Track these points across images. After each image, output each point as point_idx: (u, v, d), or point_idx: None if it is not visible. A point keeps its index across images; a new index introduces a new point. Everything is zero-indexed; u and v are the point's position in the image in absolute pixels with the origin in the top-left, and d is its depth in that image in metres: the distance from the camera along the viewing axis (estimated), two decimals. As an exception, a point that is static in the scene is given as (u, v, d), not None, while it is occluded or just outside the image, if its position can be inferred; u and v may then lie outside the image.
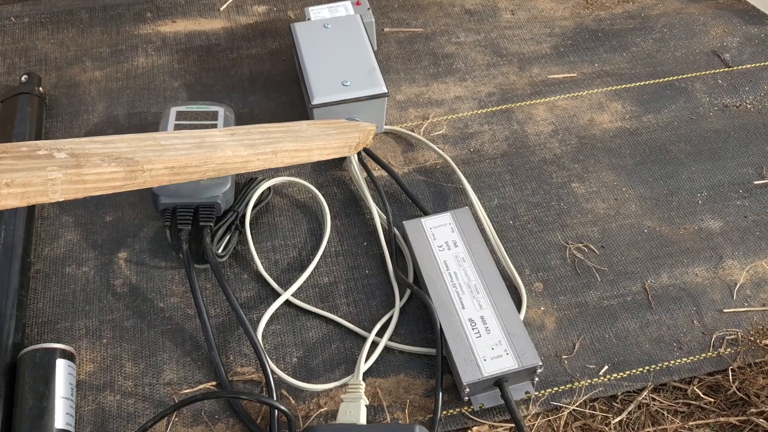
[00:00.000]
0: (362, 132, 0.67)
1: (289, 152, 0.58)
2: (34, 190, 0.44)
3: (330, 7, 0.82)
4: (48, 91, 0.80)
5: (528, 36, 0.89)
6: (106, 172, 0.47)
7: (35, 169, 0.45)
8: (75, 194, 0.46)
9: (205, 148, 0.54)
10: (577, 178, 0.73)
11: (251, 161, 0.56)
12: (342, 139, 0.64)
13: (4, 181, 0.43)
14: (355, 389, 0.55)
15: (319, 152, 0.61)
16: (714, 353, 0.60)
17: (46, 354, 0.55)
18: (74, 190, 0.46)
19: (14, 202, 0.44)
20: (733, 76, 0.84)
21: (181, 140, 0.55)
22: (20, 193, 0.44)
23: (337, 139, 0.63)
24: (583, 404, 0.57)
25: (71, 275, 0.64)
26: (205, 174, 0.53)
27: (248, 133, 0.59)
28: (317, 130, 0.64)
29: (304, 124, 0.66)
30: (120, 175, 0.48)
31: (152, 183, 0.50)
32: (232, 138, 0.57)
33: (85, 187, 0.47)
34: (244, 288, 0.64)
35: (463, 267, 0.61)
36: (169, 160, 0.50)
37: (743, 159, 0.75)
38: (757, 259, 0.66)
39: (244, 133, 0.59)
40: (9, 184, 0.43)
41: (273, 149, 0.57)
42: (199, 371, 0.58)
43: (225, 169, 0.54)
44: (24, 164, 0.46)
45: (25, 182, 0.44)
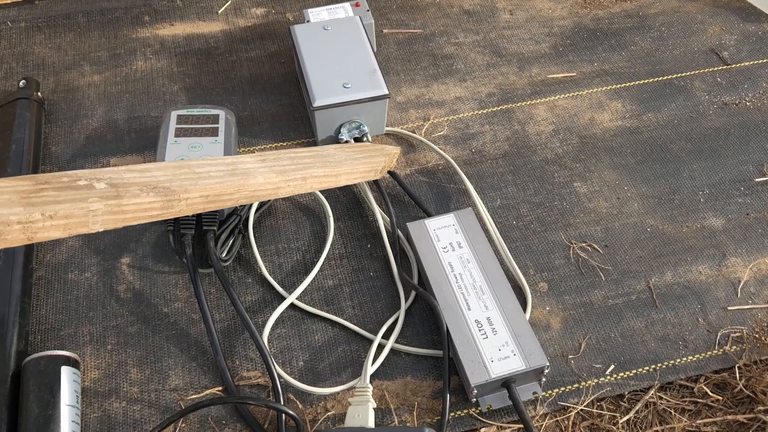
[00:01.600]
0: (387, 155, 0.68)
1: (318, 178, 0.59)
2: (75, 222, 0.45)
3: (329, 9, 0.82)
4: (46, 95, 0.80)
5: (527, 36, 0.89)
6: (145, 202, 0.47)
7: (77, 201, 0.45)
8: (114, 224, 0.46)
9: (238, 176, 0.54)
10: (579, 177, 0.73)
11: (282, 187, 0.56)
12: (369, 164, 0.64)
13: (48, 214, 0.43)
14: (363, 392, 0.55)
15: (347, 177, 0.61)
16: (720, 351, 0.60)
17: (50, 361, 0.54)
18: (114, 220, 0.46)
19: (56, 234, 0.44)
20: (731, 73, 0.84)
21: (214, 168, 0.55)
22: (62, 225, 0.44)
23: (364, 164, 0.64)
24: (591, 404, 0.57)
25: (74, 281, 0.64)
26: (238, 201, 0.53)
27: (278, 159, 0.60)
28: (344, 155, 0.65)
29: (332, 148, 0.67)
30: (157, 205, 0.48)
31: (187, 211, 0.50)
32: (263, 164, 0.58)
33: (124, 217, 0.47)
34: (249, 292, 0.64)
35: (468, 268, 0.61)
36: (204, 188, 0.51)
37: (744, 156, 0.75)
38: (760, 256, 0.66)
39: (274, 159, 0.60)
40: (52, 216, 0.44)
41: (303, 175, 0.57)
42: (205, 376, 0.58)
43: (257, 195, 0.54)
44: (65, 195, 0.46)
45: (68, 214, 0.44)
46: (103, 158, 0.74)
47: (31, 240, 0.43)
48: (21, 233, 0.42)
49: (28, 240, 0.43)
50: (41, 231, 0.43)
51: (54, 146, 0.75)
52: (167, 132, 0.68)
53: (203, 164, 0.55)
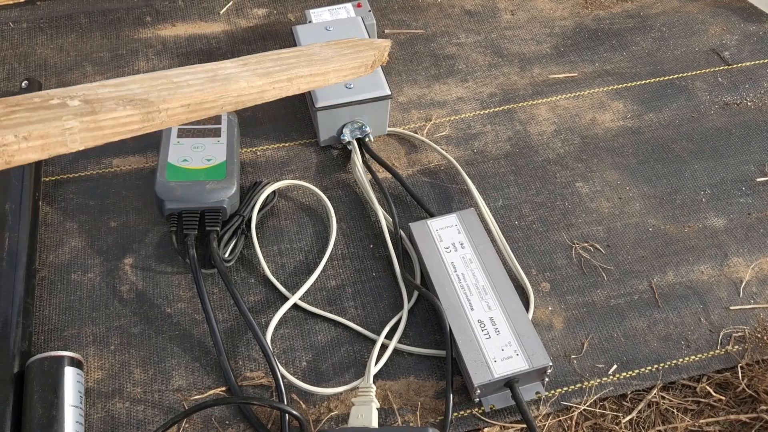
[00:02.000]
0: (377, 49, 0.64)
1: (305, 78, 0.56)
2: (52, 141, 0.43)
3: (331, 10, 0.82)
4: (48, 96, 0.80)
5: (528, 36, 0.89)
6: (123, 116, 0.46)
7: (51, 120, 0.44)
8: (94, 141, 0.45)
9: (219, 82, 0.52)
10: (581, 177, 0.73)
11: (267, 90, 0.54)
12: (358, 59, 0.61)
13: (22, 135, 0.42)
14: (366, 392, 0.55)
15: (335, 75, 0.58)
16: (722, 351, 0.60)
17: (53, 362, 0.54)
18: (92, 137, 0.45)
19: (34, 156, 0.43)
20: (732, 73, 0.84)
21: (193, 76, 0.53)
22: (39, 146, 0.43)
23: (352, 59, 0.60)
24: (593, 404, 0.57)
25: (77, 282, 0.64)
26: (222, 108, 0.51)
27: (261, 62, 0.57)
28: (331, 52, 0.62)
29: (317, 46, 0.64)
30: (136, 118, 0.47)
31: (170, 123, 0.48)
32: (245, 68, 0.55)
33: (103, 133, 0.46)
34: (252, 292, 0.64)
35: (471, 268, 0.61)
36: (184, 97, 0.49)
37: (745, 156, 0.75)
38: (762, 256, 0.67)
39: (257, 62, 0.57)
40: (27, 137, 0.42)
41: (288, 76, 0.55)
42: (208, 377, 0.58)
43: (241, 101, 0.52)
44: (39, 116, 0.44)
45: (43, 134, 0.43)
46: (106, 158, 0.74)
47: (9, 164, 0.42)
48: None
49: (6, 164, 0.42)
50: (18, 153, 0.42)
51: (56, 147, 0.75)
52: (170, 132, 0.69)
53: (181, 73, 0.53)
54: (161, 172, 0.64)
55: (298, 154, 0.75)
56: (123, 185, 0.71)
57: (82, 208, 0.69)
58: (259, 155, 0.75)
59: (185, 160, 0.66)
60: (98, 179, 0.72)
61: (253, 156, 0.75)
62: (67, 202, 0.70)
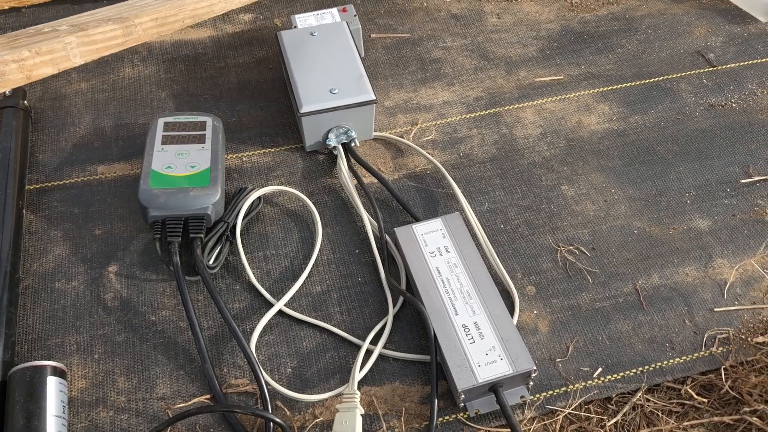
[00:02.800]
0: None
1: None
2: (59, 56, 0.54)
3: (316, 15, 0.82)
4: (33, 104, 0.79)
5: (514, 39, 0.89)
6: (108, 30, 0.56)
7: (52, 38, 0.54)
8: (90, 55, 0.55)
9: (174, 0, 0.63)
10: (567, 180, 0.73)
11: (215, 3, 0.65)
12: None
13: (34, 50, 0.52)
14: (351, 399, 0.55)
15: None
16: (706, 352, 0.60)
17: (36, 372, 0.54)
18: (89, 51, 0.55)
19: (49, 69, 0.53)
20: (717, 75, 0.85)
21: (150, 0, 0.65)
22: (50, 60, 0.53)
23: None
24: (578, 407, 0.57)
25: (61, 290, 0.64)
26: (184, 22, 0.61)
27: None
28: None
29: None
30: (119, 32, 0.57)
31: (145, 37, 0.58)
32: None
33: (96, 47, 0.56)
34: (237, 299, 0.64)
35: (456, 273, 0.61)
36: (151, 12, 0.59)
37: (730, 158, 0.76)
38: (746, 257, 0.67)
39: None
40: (38, 52, 0.52)
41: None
42: (192, 384, 0.58)
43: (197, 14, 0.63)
44: (39, 38, 0.54)
45: (50, 49, 0.53)
46: (91, 166, 0.74)
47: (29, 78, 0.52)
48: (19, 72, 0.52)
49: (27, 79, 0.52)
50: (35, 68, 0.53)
51: (41, 154, 0.75)
52: (154, 139, 0.68)
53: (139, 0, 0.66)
54: (145, 180, 0.64)
55: (283, 159, 0.75)
56: (108, 192, 0.71)
57: (66, 216, 0.69)
58: (245, 161, 0.75)
59: (169, 167, 0.66)
60: (83, 187, 0.72)
61: (239, 162, 0.74)
62: (51, 210, 0.70)
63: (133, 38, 0.58)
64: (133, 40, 0.58)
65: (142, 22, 0.59)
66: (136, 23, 0.58)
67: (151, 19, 0.59)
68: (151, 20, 0.59)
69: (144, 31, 0.59)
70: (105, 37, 0.57)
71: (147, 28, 0.59)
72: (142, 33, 0.59)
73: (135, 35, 0.58)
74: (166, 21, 0.61)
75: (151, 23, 0.59)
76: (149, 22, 0.59)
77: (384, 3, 0.94)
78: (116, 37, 0.57)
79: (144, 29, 0.59)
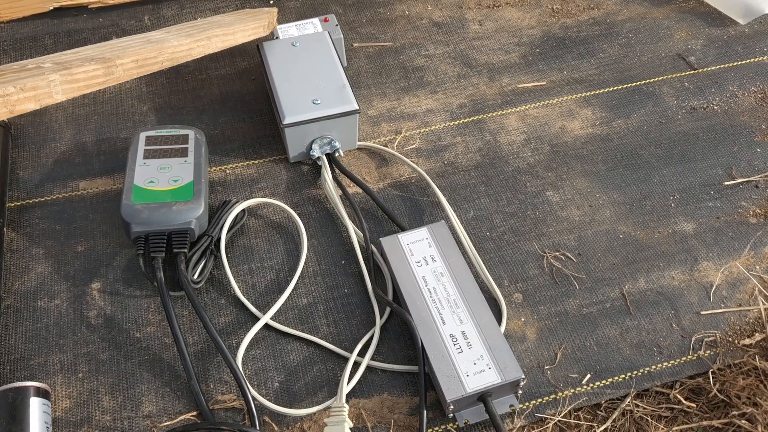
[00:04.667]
0: (268, 14, 0.79)
1: (220, 37, 0.68)
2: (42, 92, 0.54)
3: (298, 25, 0.82)
4: (13, 120, 0.79)
5: (496, 46, 0.90)
6: (90, 70, 0.57)
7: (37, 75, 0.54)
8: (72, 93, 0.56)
9: (155, 43, 0.64)
10: (551, 186, 0.74)
11: (194, 48, 0.66)
12: (255, 21, 0.75)
13: (19, 86, 0.52)
14: (339, 412, 0.54)
15: (242, 34, 0.72)
16: (694, 356, 0.60)
17: (18, 393, 0.53)
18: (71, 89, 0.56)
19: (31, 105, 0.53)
20: (698, 78, 0.85)
21: (132, 41, 0.67)
22: (33, 96, 0.53)
23: (251, 22, 0.74)
24: (568, 414, 0.57)
25: (43, 309, 0.63)
26: (162, 64, 0.63)
27: (180, 29, 0.73)
28: (233, 18, 0.78)
29: (218, 17, 0.82)
30: (101, 72, 0.58)
31: (125, 77, 0.60)
32: (169, 34, 0.69)
33: (78, 85, 0.56)
34: (222, 313, 0.63)
35: (442, 282, 0.61)
36: (132, 54, 0.60)
37: (713, 160, 0.76)
38: (731, 259, 0.67)
39: (177, 29, 0.73)
40: (23, 88, 0.52)
41: (207, 35, 0.67)
42: (179, 401, 0.57)
43: (176, 57, 0.64)
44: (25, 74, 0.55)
45: (34, 86, 0.53)
46: (72, 182, 0.73)
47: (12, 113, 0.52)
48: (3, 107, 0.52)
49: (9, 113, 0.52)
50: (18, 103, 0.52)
51: (21, 171, 0.74)
52: (136, 153, 0.68)
53: (122, 40, 0.70)
54: (127, 195, 0.64)
55: (267, 171, 0.75)
56: (90, 208, 0.70)
57: (48, 233, 0.68)
58: (228, 173, 0.74)
59: (152, 182, 0.65)
60: (64, 203, 0.71)
61: (222, 174, 0.74)
62: (33, 228, 0.69)
63: (114, 78, 0.59)
64: (114, 79, 0.59)
65: (123, 63, 0.60)
66: (118, 64, 0.59)
67: (131, 61, 0.60)
68: (132, 62, 0.61)
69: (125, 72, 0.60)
70: (87, 76, 0.57)
71: (128, 68, 0.61)
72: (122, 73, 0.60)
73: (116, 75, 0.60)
74: (146, 62, 0.62)
75: (131, 64, 0.61)
76: (130, 63, 0.60)
77: (366, 12, 0.94)
78: (98, 76, 0.58)
79: (125, 69, 0.60)
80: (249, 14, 0.80)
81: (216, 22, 0.76)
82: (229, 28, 0.70)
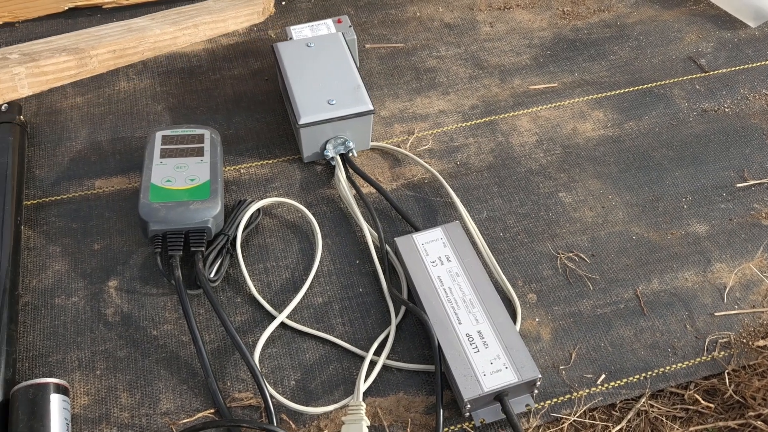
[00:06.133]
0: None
1: (208, 24, 0.65)
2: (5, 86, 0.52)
3: (311, 26, 0.82)
4: (29, 119, 0.79)
5: (508, 48, 0.90)
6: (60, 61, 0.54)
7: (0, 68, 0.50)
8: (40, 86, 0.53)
9: (136, 31, 0.61)
10: (564, 187, 0.74)
11: (179, 36, 0.63)
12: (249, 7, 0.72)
13: None
14: (356, 410, 0.55)
15: (234, 21, 0.69)
16: (708, 357, 0.60)
17: (39, 390, 0.54)
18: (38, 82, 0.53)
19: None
20: (709, 80, 0.86)
21: (111, 29, 0.64)
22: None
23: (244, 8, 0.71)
24: (583, 414, 0.57)
25: (61, 306, 0.63)
26: (143, 54, 0.59)
27: (166, 15, 0.70)
28: (225, 3, 0.75)
29: (209, 1, 0.78)
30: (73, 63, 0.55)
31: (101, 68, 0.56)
32: (154, 21, 0.66)
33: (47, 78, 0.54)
34: (238, 312, 0.63)
35: (457, 282, 0.62)
36: (109, 44, 0.57)
37: (725, 162, 0.76)
38: (744, 261, 0.67)
39: (162, 16, 0.69)
40: None
41: (194, 23, 0.64)
42: (196, 399, 0.58)
43: (158, 47, 0.60)
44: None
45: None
46: (88, 180, 0.73)
47: None
48: None
49: None
50: None
51: (38, 170, 0.74)
52: (152, 153, 0.68)
53: (100, 28, 0.64)
54: (144, 194, 0.64)
55: (281, 170, 0.75)
56: (106, 207, 0.71)
57: (64, 232, 0.69)
58: (243, 173, 0.75)
59: (168, 181, 0.65)
60: (81, 201, 0.71)
61: (237, 174, 0.74)
62: (50, 226, 0.69)
63: (87, 70, 0.56)
64: (87, 71, 0.56)
65: (98, 54, 0.57)
66: (92, 55, 0.56)
67: (108, 51, 0.57)
68: (109, 52, 0.57)
69: (100, 63, 0.57)
70: (57, 68, 0.54)
71: (103, 59, 0.57)
72: (97, 65, 0.57)
73: (90, 67, 0.56)
74: (125, 53, 0.59)
75: (108, 55, 0.57)
76: (106, 54, 0.57)
77: (378, 13, 0.95)
78: (69, 68, 0.55)
79: (100, 61, 0.57)
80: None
81: (206, 8, 0.72)
82: (220, 14, 0.67)
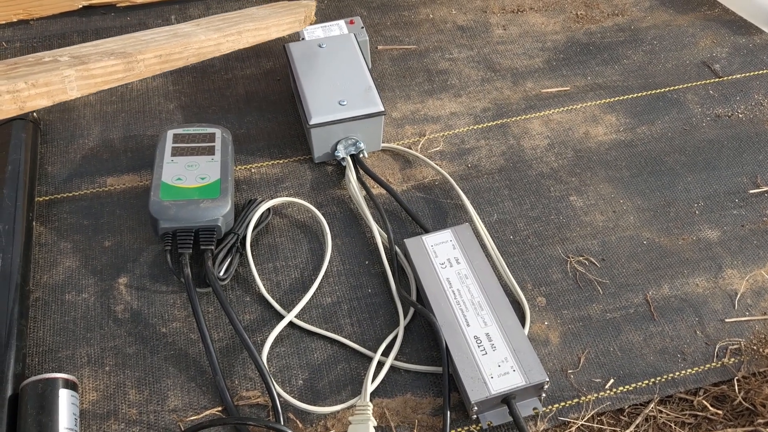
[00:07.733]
0: (306, 7, 0.78)
1: (251, 32, 0.65)
2: (55, 89, 0.51)
3: (324, 27, 0.82)
4: (42, 116, 0.80)
5: (520, 51, 0.90)
6: (109, 65, 0.54)
7: (51, 70, 0.52)
8: (88, 89, 0.53)
9: (181, 37, 0.61)
10: (575, 191, 0.74)
11: (222, 43, 0.63)
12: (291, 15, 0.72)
13: (30, 82, 0.50)
14: (363, 411, 0.54)
15: (276, 28, 0.69)
16: (718, 363, 0.60)
17: (48, 384, 0.54)
18: (87, 85, 0.53)
19: (44, 102, 0.51)
20: (723, 86, 0.85)
21: (157, 35, 0.63)
22: (45, 93, 0.51)
23: (287, 16, 0.72)
24: (591, 419, 0.57)
25: (71, 302, 0.64)
26: (188, 60, 0.60)
27: (211, 22, 0.69)
28: (268, 11, 0.74)
29: (254, 9, 0.78)
30: (120, 67, 0.55)
31: (147, 73, 0.57)
32: (198, 27, 0.66)
33: (95, 81, 0.54)
34: (247, 310, 0.64)
35: (466, 284, 0.61)
36: (155, 49, 0.57)
37: (737, 168, 0.76)
38: (756, 267, 0.67)
39: (207, 22, 0.69)
40: (35, 84, 0.50)
41: (237, 30, 0.64)
42: (204, 397, 0.58)
43: (203, 53, 0.61)
44: (38, 69, 0.52)
45: (47, 82, 0.51)
46: (100, 177, 0.74)
47: (22, 110, 0.49)
48: (12, 103, 0.49)
49: (20, 110, 0.49)
50: (29, 99, 0.50)
51: (50, 166, 0.75)
52: (164, 151, 0.69)
53: (146, 33, 0.64)
54: (155, 192, 0.64)
55: (292, 170, 0.75)
56: (117, 204, 0.71)
57: (76, 228, 0.69)
58: (254, 172, 0.75)
59: (179, 179, 0.66)
60: (92, 198, 0.72)
61: (248, 173, 0.75)
62: (61, 222, 0.70)
63: (134, 74, 0.56)
64: (134, 75, 0.56)
65: (145, 59, 0.57)
66: (139, 59, 0.56)
67: (154, 56, 0.57)
68: (155, 57, 0.57)
69: (146, 67, 0.57)
70: (105, 71, 0.54)
71: (150, 64, 0.57)
72: (144, 69, 0.57)
73: (136, 71, 0.56)
74: (170, 58, 0.59)
75: (154, 60, 0.57)
76: (153, 58, 0.57)
77: (390, 15, 0.95)
78: (117, 72, 0.55)
79: (146, 65, 0.57)
80: (284, 7, 0.77)
81: (249, 15, 0.72)
82: (262, 22, 0.67)
